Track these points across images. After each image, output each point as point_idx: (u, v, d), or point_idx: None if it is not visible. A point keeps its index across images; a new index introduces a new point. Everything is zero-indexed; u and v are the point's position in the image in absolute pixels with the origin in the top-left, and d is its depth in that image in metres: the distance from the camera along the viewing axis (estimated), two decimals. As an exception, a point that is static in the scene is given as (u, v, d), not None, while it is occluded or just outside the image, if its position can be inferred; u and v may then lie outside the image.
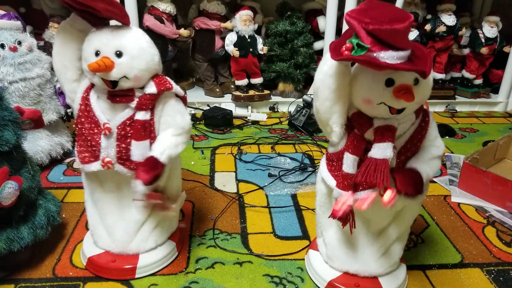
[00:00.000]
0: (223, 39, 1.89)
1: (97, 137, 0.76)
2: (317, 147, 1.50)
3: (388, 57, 0.58)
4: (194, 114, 1.80)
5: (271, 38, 1.90)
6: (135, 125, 0.75)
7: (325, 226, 0.83)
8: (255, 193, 1.20)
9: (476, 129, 1.77)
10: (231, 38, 1.85)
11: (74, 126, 0.82)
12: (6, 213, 0.79)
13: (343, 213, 0.70)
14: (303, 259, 0.92)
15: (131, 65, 0.72)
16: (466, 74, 2.10)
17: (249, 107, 1.88)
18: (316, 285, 0.85)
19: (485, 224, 1.08)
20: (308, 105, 1.66)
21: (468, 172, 1.20)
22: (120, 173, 0.78)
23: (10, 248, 0.79)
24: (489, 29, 1.99)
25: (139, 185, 0.74)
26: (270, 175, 1.30)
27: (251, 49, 1.85)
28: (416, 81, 0.64)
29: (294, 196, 1.18)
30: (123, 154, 0.76)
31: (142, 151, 0.76)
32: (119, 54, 0.71)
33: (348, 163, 0.70)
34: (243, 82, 1.90)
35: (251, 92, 1.90)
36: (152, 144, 0.77)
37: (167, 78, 0.79)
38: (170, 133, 0.78)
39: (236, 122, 1.74)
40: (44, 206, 0.88)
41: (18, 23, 1.21)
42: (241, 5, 1.98)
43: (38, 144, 1.23)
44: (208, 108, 1.80)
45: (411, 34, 1.91)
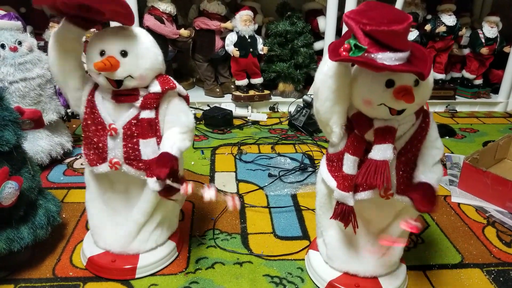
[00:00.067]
0: (223, 39, 1.89)
1: (103, 139, 0.77)
2: (317, 147, 1.50)
3: (385, 58, 0.58)
4: (194, 114, 1.79)
5: (271, 38, 1.90)
6: (141, 123, 0.76)
7: (325, 226, 0.83)
8: (255, 193, 1.20)
9: (476, 129, 1.77)
10: (231, 38, 1.85)
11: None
12: (6, 213, 0.79)
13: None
14: (303, 259, 0.92)
15: (136, 64, 0.73)
16: (466, 74, 2.10)
17: (249, 107, 1.88)
18: (316, 285, 0.85)
19: (485, 224, 1.08)
20: (308, 105, 1.66)
21: (468, 172, 1.20)
22: (127, 173, 0.78)
23: (10, 248, 0.79)
24: (489, 29, 1.99)
25: (152, 183, 0.75)
26: (270, 175, 1.30)
27: (251, 49, 1.85)
28: (417, 82, 0.64)
29: (294, 196, 1.18)
30: (130, 154, 0.77)
31: (151, 149, 0.76)
32: (124, 54, 0.72)
33: (349, 164, 0.70)
34: (243, 82, 1.91)
35: (251, 92, 1.91)
36: (159, 144, 0.77)
37: (171, 78, 0.79)
38: (176, 131, 0.78)
39: (236, 122, 1.74)
40: (44, 206, 0.88)
41: (19, 23, 1.21)
42: (241, 5, 1.98)
43: (38, 144, 1.23)
44: (208, 108, 1.80)
45: (411, 34, 1.91)
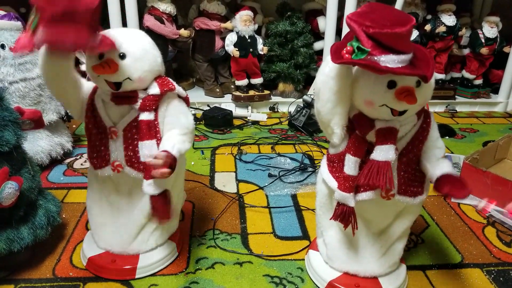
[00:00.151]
0: (223, 39, 1.89)
1: (105, 142, 0.77)
2: (317, 147, 1.50)
3: (388, 60, 0.58)
4: (194, 115, 1.80)
5: (271, 38, 1.90)
6: (140, 125, 0.75)
7: (325, 226, 0.83)
8: (255, 193, 1.20)
9: (476, 129, 1.77)
10: (231, 38, 1.85)
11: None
12: (6, 214, 0.79)
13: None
14: (303, 259, 0.92)
15: (134, 66, 0.72)
16: (466, 74, 2.10)
17: (249, 107, 1.88)
18: (316, 285, 0.85)
19: (485, 224, 1.08)
20: (308, 105, 1.66)
21: (468, 172, 1.20)
22: (129, 176, 0.79)
23: (10, 248, 0.79)
24: (489, 29, 1.99)
25: (147, 186, 0.75)
26: (270, 175, 1.30)
27: (251, 49, 1.85)
28: (418, 83, 0.64)
29: (294, 196, 1.18)
30: (131, 156, 0.77)
31: (149, 151, 0.76)
32: (122, 56, 0.72)
33: (350, 164, 0.70)
34: (243, 82, 1.90)
35: (251, 92, 1.90)
36: (158, 145, 0.77)
37: (170, 79, 0.79)
38: (176, 132, 0.78)
39: (236, 122, 1.74)
40: (44, 207, 0.88)
41: (19, 24, 1.21)
42: (241, 5, 1.98)
43: (38, 145, 1.23)
44: (208, 108, 1.80)
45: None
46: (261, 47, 1.87)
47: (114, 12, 1.62)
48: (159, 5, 1.75)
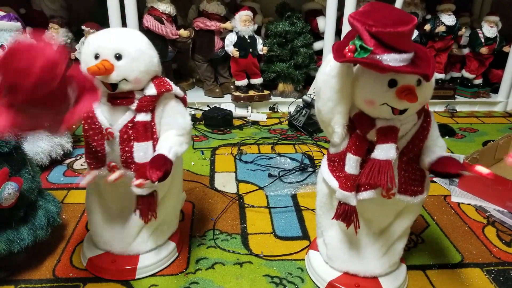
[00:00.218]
0: (222, 39, 1.89)
1: (101, 143, 0.77)
2: (317, 147, 1.50)
3: (391, 59, 0.58)
4: (194, 115, 1.80)
5: (271, 38, 1.90)
6: (136, 127, 0.75)
7: (326, 226, 0.83)
8: (255, 193, 1.20)
9: (476, 129, 1.77)
10: (230, 38, 1.85)
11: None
12: (6, 214, 0.78)
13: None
14: (303, 260, 0.92)
15: (130, 67, 0.72)
16: (465, 74, 2.10)
17: (249, 108, 1.88)
18: (316, 285, 0.85)
19: (485, 224, 1.08)
20: (308, 105, 1.66)
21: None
22: (126, 176, 0.78)
23: (10, 249, 0.79)
24: (489, 29, 1.99)
25: (136, 188, 0.75)
26: (270, 175, 1.30)
27: (250, 50, 1.85)
28: (419, 82, 0.64)
29: (294, 197, 1.18)
30: (128, 157, 0.76)
31: (144, 153, 0.75)
32: (118, 57, 0.71)
33: (351, 164, 0.70)
34: (243, 82, 1.90)
35: (251, 93, 1.90)
36: (155, 146, 0.77)
37: (167, 80, 0.78)
38: (173, 133, 0.78)
39: (236, 122, 1.74)
40: (44, 207, 0.87)
41: (18, 24, 1.21)
42: (240, 5, 1.98)
43: (38, 145, 1.23)
44: (208, 108, 1.80)
45: (410, 34, 1.90)
46: (261, 47, 1.87)
47: (113, 13, 1.62)
48: (158, 6, 1.75)
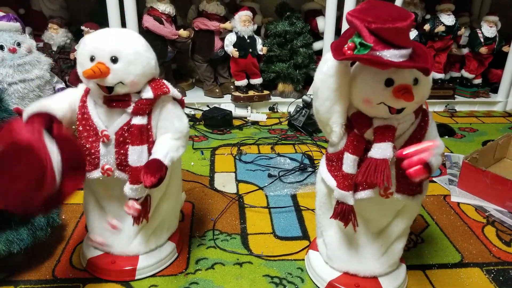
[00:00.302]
0: (222, 39, 1.89)
1: (95, 145, 0.76)
2: (317, 147, 1.50)
3: (391, 55, 0.59)
4: (193, 115, 1.80)
5: (271, 38, 1.90)
6: (132, 130, 0.74)
7: (325, 226, 0.83)
8: (255, 193, 1.20)
9: (476, 128, 1.77)
10: (230, 38, 1.85)
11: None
12: (5, 215, 0.78)
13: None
14: (303, 260, 0.92)
15: (127, 70, 0.71)
16: (465, 73, 2.10)
17: (249, 108, 1.88)
18: (316, 285, 0.85)
19: (485, 223, 1.08)
20: (307, 105, 1.66)
21: (468, 171, 1.20)
22: (120, 179, 0.78)
23: (9, 249, 0.79)
24: (488, 29, 1.99)
25: (128, 189, 0.75)
26: (270, 175, 1.30)
27: (250, 50, 1.85)
28: (416, 81, 0.64)
29: (294, 197, 1.18)
30: (123, 160, 0.76)
31: (138, 156, 0.75)
32: (114, 60, 0.70)
33: (348, 163, 0.70)
34: (243, 82, 1.90)
35: (251, 93, 1.91)
36: (151, 149, 0.76)
37: (164, 82, 0.77)
38: (169, 137, 0.77)
39: (236, 122, 1.74)
40: (43, 208, 0.87)
41: (18, 25, 1.21)
42: (240, 5, 1.98)
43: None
44: (207, 108, 1.80)
45: (410, 34, 1.90)
46: (261, 48, 1.87)
47: (113, 13, 1.62)
48: (158, 6, 1.75)
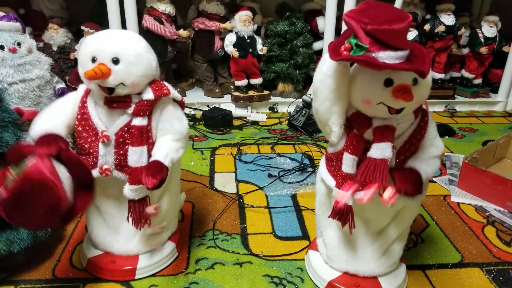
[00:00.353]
0: (222, 39, 1.89)
1: (94, 145, 0.76)
2: (317, 147, 1.50)
3: (386, 57, 0.59)
4: (193, 115, 1.80)
5: (271, 38, 1.90)
6: (132, 131, 0.75)
7: (325, 226, 0.83)
8: (255, 193, 1.20)
9: (476, 128, 1.77)
10: (230, 38, 1.85)
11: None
12: (5, 215, 0.79)
13: (343, 206, 0.70)
14: (303, 260, 0.92)
15: (128, 72, 0.71)
16: (465, 73, 2.10)
17: (249, 108, 1.88)
18: (316, 285, 0.85)
19: (485, 223, 1.08)
20: (307, 105, 1.66)
21: (468, 171, 1.20)
22: (118, 179, 0.78)
23: (10, 249, 0.79)
24: (488, 29, 1.99)
25: (128, 190, 0.75)
26: (269, 175, 1.30)
27: (250, 50, 1.85)
28: (415, 81, 0.64)
29: (294, 197, 1.18)
30: (122, 160, 0.76)
31: (138, 157, 0.75)
32: (115, 61, 0.70)
33: (348, 163, 0.70)
34: (243, 82, 1.91)
35: (251, 93, 1.91)
36: (151, 150, 0.76)
37: (165, 83, 0.78)
38: (169, 138, 0.78)
39: (236, 122, 1.74)
40: (44, 207, 0.87)
41: (18, 25, 1.21)
42: (240, 5, 1.98)
43: (38, 146, 1.23)
44: (207, 108, 1.80)
45: (410, 34, 1.91)
46: (261, 47, 1.87)
47: (113, 13, 1.62)
48: (158, 6, 1.75)
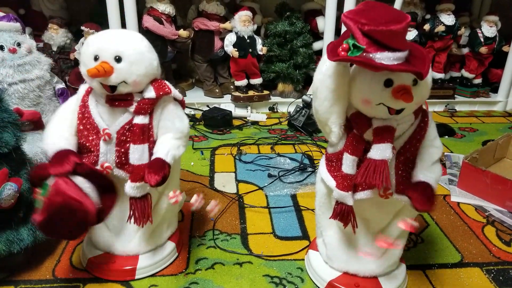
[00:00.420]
0: (222, 39, 1.89)
1: (95, 143, 0.76)
2: (317, 147, 1.50)
3: (384, 58, 0.58)
4: (193, 115, 1.80)
5: (271, 38, 1.90)
6: (133, 129, 0.75)
7: (325, 226, 0.83)
8: (254, 193, 1.20)
9: (476, 128, 1.77)
10: (230, 38, 1.85)
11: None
12: (6, 215, 0.79)
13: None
14: (303, 259, 0.93)
15: (130, 70, 0.72)
16: (465, 73, 2.10)
17: (249, 108, 1.88)
18: (316, 285, 0.85)
19: (485, 223, 1.08)
20: (307, 105, 1.66)
21: (468, 171, 1.20)
22: (119, 177, 0.78)
23: (10, 249, 0.79)
24: (488, 29, 1.99)
25: (130, 188, 0.75)
26: (269, 175, 1.30)
27: (250, 50, 1.85)
28: (415, 81, 0.64)
29: (293, 197, 1.18)
30: (123, 159, 0.76)
31: (140, 155, 0.75)
32: (118, 59, 0.71)
33: (348, 163, 0.70)
34: (243, 82, 1.91)
35: (251, 93, 1.91)
36: (152, 148, 0.77)
37: (166, 82, 0.78)
38: (170, 136, 0.78)
39: (236, 122, 1.74)
40: (44, 208, 0.87)
41: (18, 25, 1.21)
42: (240, 5, 1.98)
43: (38, 146, 1.23)
44: (207, 108, 1.80)
45: (410, 34, 1.91)
46: (260, 48, 1.87)
47: (113, 13, 1.62)
48: (158, 6, 1.75)
